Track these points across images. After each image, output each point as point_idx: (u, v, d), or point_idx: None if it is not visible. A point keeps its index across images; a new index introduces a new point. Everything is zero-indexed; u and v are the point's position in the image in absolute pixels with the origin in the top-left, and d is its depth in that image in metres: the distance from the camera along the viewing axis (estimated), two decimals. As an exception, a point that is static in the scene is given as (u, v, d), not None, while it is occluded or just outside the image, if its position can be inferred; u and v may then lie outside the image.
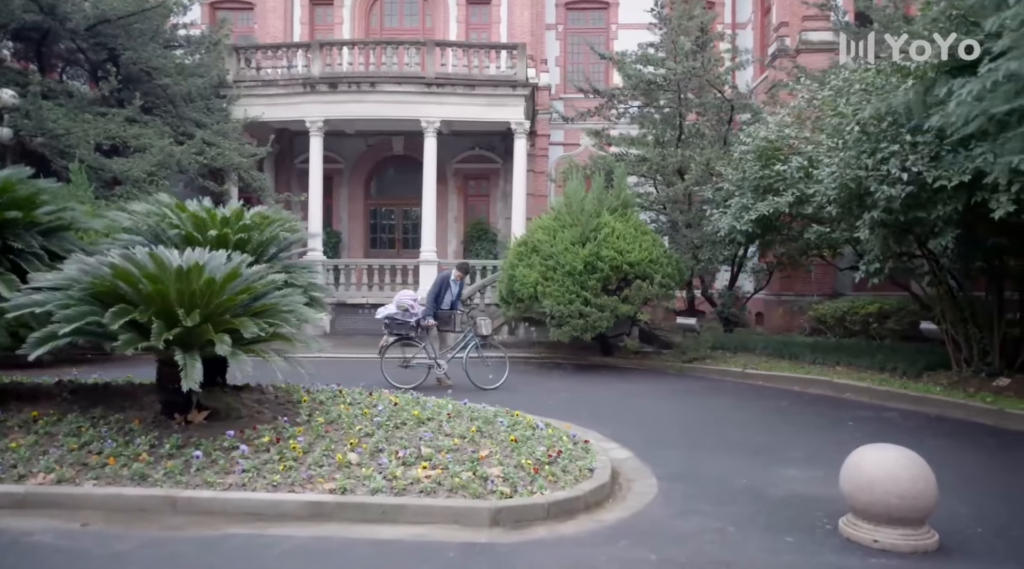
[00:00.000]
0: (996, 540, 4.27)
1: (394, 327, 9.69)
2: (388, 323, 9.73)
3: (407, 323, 9.64)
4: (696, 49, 13.32)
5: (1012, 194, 7.10)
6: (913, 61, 7.66)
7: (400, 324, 9.66)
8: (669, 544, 4.13)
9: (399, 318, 9.64)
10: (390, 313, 9.71)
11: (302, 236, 7.56)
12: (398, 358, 9.73)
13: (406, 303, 9.69)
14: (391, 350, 9.89)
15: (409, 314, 9.59)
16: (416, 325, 9.60)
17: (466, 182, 20.84)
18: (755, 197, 10.29)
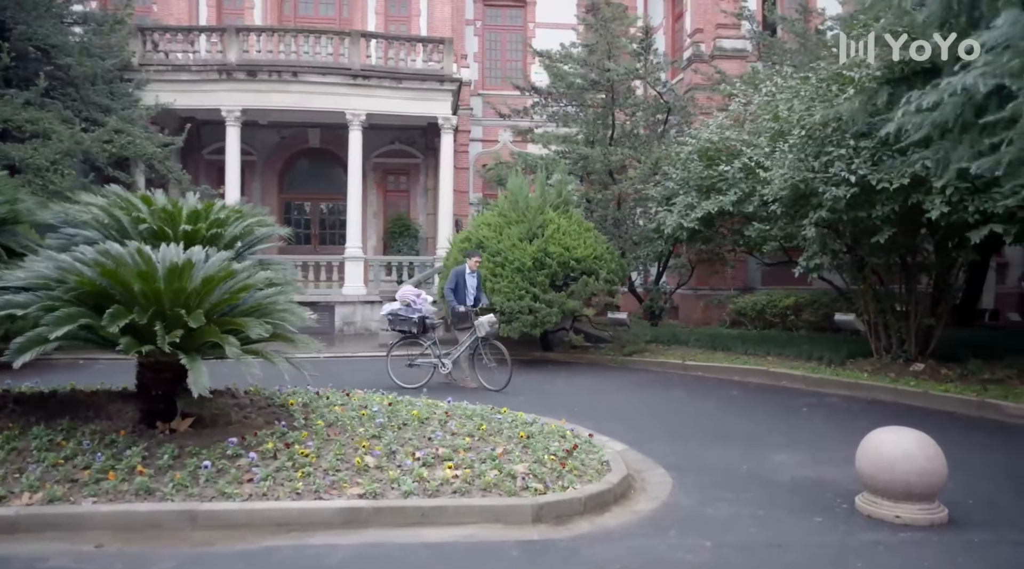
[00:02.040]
0: (990, 510, 4.72)
1: (397, 323, 9.38)
2: (391, 319, 9.40)
3: (409, 319, 9.28)
4: (641, 51, 13.72)
5: (945, 197, 7.84)
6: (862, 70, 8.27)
7: (403, 320, 9.32)
8: (716, 530, 4.29)
9: (402, 314, 9.31)
10: (393, 309, 9.39)
11: (275, 231, 7.21)
12: (404, 356, 9.49)
13: (409, 298, 9.36)
14: (397, 348, 9.60)
15: (411, 309, 9.26)
16: (419, 322, 9.26)
17: (385, 177, 20.45)
18: (699, 196, 10.75)
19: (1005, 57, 5.25)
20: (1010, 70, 5.60)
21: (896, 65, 8.11)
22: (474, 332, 9.25)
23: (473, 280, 9.66)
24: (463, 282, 9.54)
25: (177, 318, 4.86)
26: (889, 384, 9.45)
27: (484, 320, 9.18)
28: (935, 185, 7.80)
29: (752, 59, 17.60)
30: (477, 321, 9.21)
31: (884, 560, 3.88)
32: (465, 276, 9.61)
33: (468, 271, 9.68)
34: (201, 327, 4.78)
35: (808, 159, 8.76)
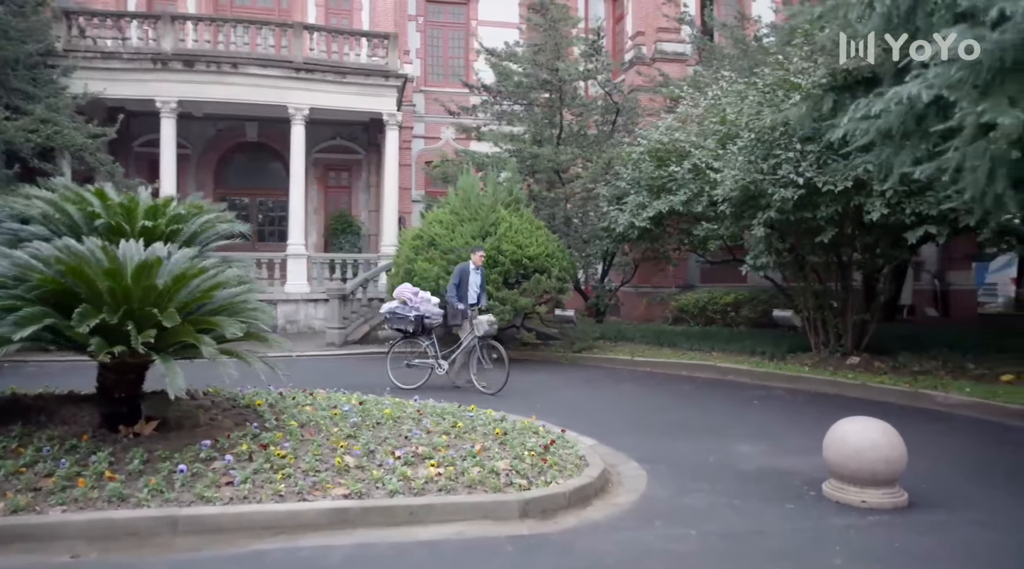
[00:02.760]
0: (943, 492, 5.04)
1: (394, 322, 9.17)
2: (388, 318, 9.19)
3: (406, 318, 9.04)
4: (592, 52, 13.91)
5: (885, 199, 8.30)
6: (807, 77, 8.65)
7: (399, 319, 9.09)
8: (698, 520, 4.45)
9: (399, 312, 9.09)
10: (391, 307, 9.18)
11: (235, 228, 7.00)
12: (403, 355, 9.32)
13: (405, 295, 9.12)
14: (397, 348, 9.41)
15: (408, 308, 9.07)
16: (415, 320, 9.02)
17: (326, 173, 20.07)
18: (650, 196, 11.02)
19: (952, 69, 5.60)
20: (949, 82, 5.97)
21: (840, 74, 8.51)
22: (472, 331, 8.93)
23: (477, 277, 9.32)
24: (467, 279, 9.20)
25: (148, 317, 4.68)
26: (829, 377, 9.92)
27: (484, 319, 8.86)
28: (876, 188, 8.25)
29: (691, 63, 18.12)
30: (476, 320, 8.89)
31: (858, 542, 4.11)
32: (469, 273, 9.26)
33: (472, 267, 9.33)
34: (175, 326, 4.61)
35: (757, 161, 9.10)
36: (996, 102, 5.31)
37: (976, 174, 5.98)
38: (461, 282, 9.16)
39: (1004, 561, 3.92)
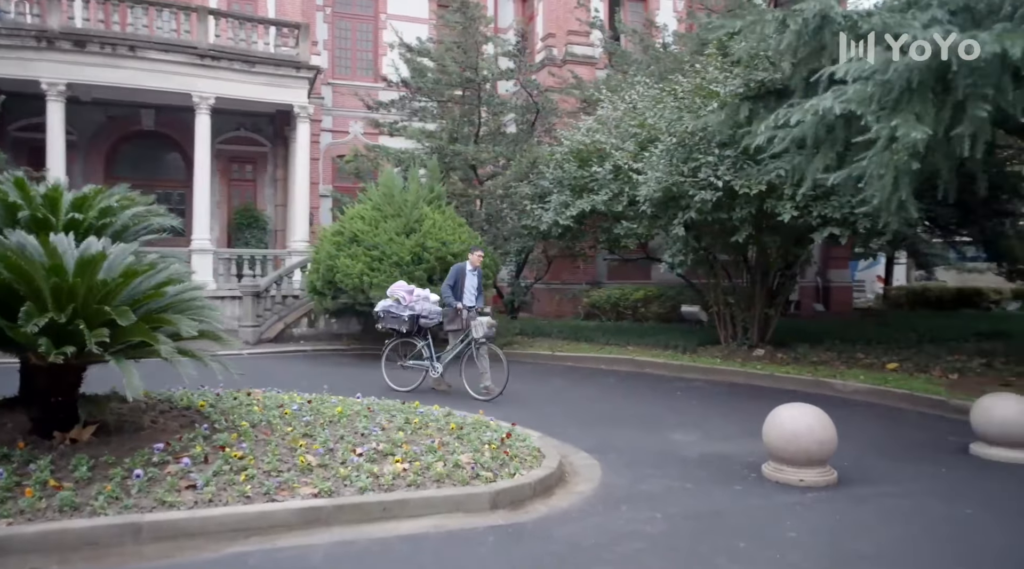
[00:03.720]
0: (863, 470, 5.56)
1: (387, 321, 8.83)
2: (382, 317, 8.85)
3: (400, 317, 8.70)
4: (516, 53, 14.06)
5: (795, 202, 8.96)
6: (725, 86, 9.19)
7: (394, 318, 8.75)
8: (659, 504, 4.71)
9: (392, 311, 8.75)
10: (385, 306, 8.81)
11: (168, 221, 6.68)
12: (398, 356, 9.04)
13: (398, 294, 8.75)
14: (392, 348, 9.08)
15: (401, 307, 8.69)
16: (409, 320, 8.68)
17: (230, 165, 19.23)
18: (573, 195, 11.34)
19: (868, 86, 6.16)
20: (862, 98, 6.56)
21: (755, 84, 9.12)
22: (469, 334, 8.50)
23: (474, 278, 8.92)
24: (463, 280, 8.82)
25: (98, 315, 4.43)
26: (740, 368, 10.58)
27: (482, 321, 8.41)
28: (786, 192, 8.90)
29: (600, 66, 18.71)
30: (475, 322, 8.41)
31: (806, 516, 4.50)
32: (466, 273, 8.88)
33: (469, 268, 8.94)
34: (130, 325, 4.40)
35: (679, 164, 9.59)
36: (905, 118, 5.90)
37: (883, 182, 6.60)
38: (457, 283, 8.78)
39: (927, 524, 4.40)
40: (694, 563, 3.78)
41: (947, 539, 4.20)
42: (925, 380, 9.28)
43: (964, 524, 4.46)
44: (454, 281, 8.77)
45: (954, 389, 8.73)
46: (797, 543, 4.06)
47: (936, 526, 4.41)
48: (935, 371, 9.75)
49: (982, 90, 5.82)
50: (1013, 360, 10.22)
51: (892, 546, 4.06)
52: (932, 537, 4.23)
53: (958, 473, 5.59)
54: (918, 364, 10.19)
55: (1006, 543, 4.15)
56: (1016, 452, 5.93)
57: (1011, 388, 8.11)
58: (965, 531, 4.34)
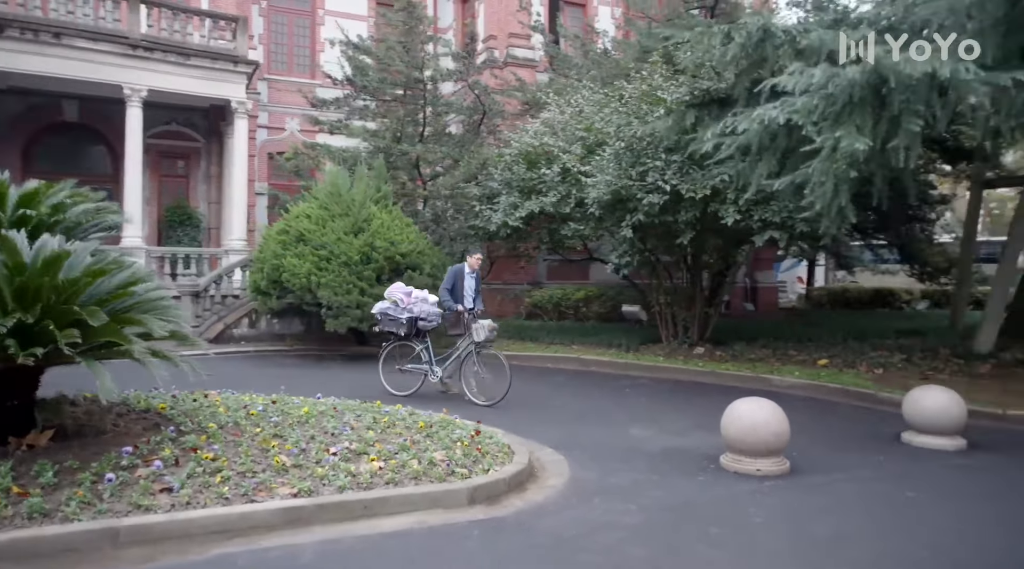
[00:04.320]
0: (812, 459, 5.91)
1: (385, 323, 8.60)
2: (380, 319, 8.61)
3: (397, 320, 8.45)
4: (465, 55, 14.10)
5: (738, 206, 9.39)
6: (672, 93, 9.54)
7: (391, 320, 8.51)
8: (630, 496, 4.91)
9: (390, 314, 8.50)
10: (382, 308, 8.58)
11: (122, 218, 6.47)
12: (396, 359, 8.80)
13: (396, 295, 8.53)
14: (390, 351, 8.87)
15: (399, 309, 8.46)
16: (407, 323, 8.44)
17: (160, 160, 18.53)
18: (522, 196, 11.51)
19: (814, 99, 6.55)
20: (808, 109, 6.96)
21: (700, 93, 9.50)
22: (469, 337, 8.29)
23: (472, 281, 8.68)
24: (460, 282, 8.59)
25: (64, 316, 4.30)
26: (682, 366, 10.98)
27: (483, 324, 8.19)
28: (729, 196, 9.32)
29: (540, 69, 18.98)
30: (476, 325, 8.18)
31: (767, 502, 4.78)
32: (464, 275, 8.64)
33: (468, 270, 8.69)
34: (102, 325, 4.28)
35: (627, 168, 9.88)
36: (848, 130, 6.32)
37: (824, 189, 7.02)
38: (455, 286, 8.56)
39: (875, 506, 4.75)
40: (673, 550, 3.98)
41: (895, 519, 4.55)
42: (854, 375, 9.88)
43: (907, 506, 4.84)
44: (452, 284, 8.54)
45: (880, 383, 9.34)
46: (764, 527, 4.33)
47: (883, 508, 4.77)
48: (862, 367, 10.39)
49: (914, 106, 6.30)
50: (929, 356, 10.98)
51: (847, 526, 4.38)
52: (881, 518, 4.57)
53: (895, 460, 6.03)
54: (846, 360, 10.82)
55: (945, 522, 4.53)
56: (942, 439, 6.43)
57: (930, 381, 8.75)
58: (909, 512, 4.71)
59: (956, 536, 4.30)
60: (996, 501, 4.99)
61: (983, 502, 4.96)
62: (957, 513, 4.71)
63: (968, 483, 5.41)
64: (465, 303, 8.52)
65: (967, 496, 5.09)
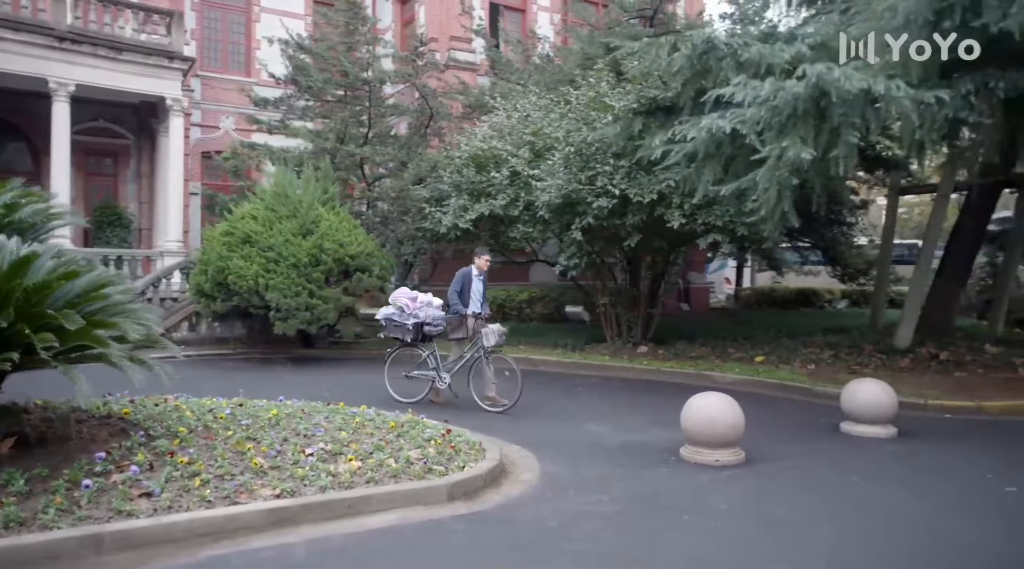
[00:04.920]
0: (761, 450, 6.28)
1: (390, 329, 8.36)
2: (385, 325, 8.39)
3: (403, 325, 8.21)
4: (413, 57, 14.09)
5: (683, 210, 9.80)
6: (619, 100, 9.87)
7: (397, 326, 8.27)
8: (601, 487, 5.13)
9: (395, 319, 8.28)
10: (387, 314, 8.34)
11: (76, 220, 6.28)
12: (402, 366, 8.49)
13: (402, 300, 8.31)
14: (395, 358, 8.59)
15: (405, 315, 8.23)
16: (414, 328, 8.21)
17: (86, 158, 17.78)
18: (471, 199, 11.65)
19: (762, 110, 6.96)
20: (756, 119, 7.37)
21: (646, 101, 9.87)
22: (478, 342, 8.08)
23: (480, 284, 8.44)
24: (469, 285, 8.32)
25: (37, 319, 4.20)
26: (628, 364, 11.35)
27: (493, 329, 7.98)
28: (675, 201, 9.72)
29: (481, 72, 19.16)
30: (485, 330, 7.96)
31: (728, 490, 5.10)
32: (472, 278, 8.38)
33: (475, 273, 8.42)
34: (79, 329, 4.20)
35: (577, 173, 10.17)
36: (793, 140, 6.75)
37: (768, 194, 7.45)
38: (463, 289, 8.30)
39: (825, 490, 5.13)
40: (651, 536, 4.22)
41: (843, 501, 4.93)
42: (789, 371, 10.45)
43: (853, 488, 5.24)
44: (460, 287, 8.29)
45: (814, 378, 9.92)
46: (729, 512, 4.63)
47: (832, 492, 5.16)
48: (796, 363, 10.99)
49: (852, 119, 6.78)
50: (855, 352, 11.69)
51: (804, 509, 4.74)
52: (833, 500, 4.95)
53: (837, 448, 6.48)
54: (780, 357, 11.41)
55: (887, 503, 4.94)
56: (876, 428, 6.94)
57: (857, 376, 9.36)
58: (855, 494, 5.11)
59: (900, 513, 4.70)
60: (930, 481, 5.47)
61: (919, 483, 5.42)
62: (898, 493, 5.14)
63: (903, 467, 5.88)
64: (472, 307, 8.31)
65: (904, 478, 5.54)
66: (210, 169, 20.12)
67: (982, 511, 4.80)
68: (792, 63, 8.17)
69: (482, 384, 8.19)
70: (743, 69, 8.35)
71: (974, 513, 4.74)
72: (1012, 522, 4.61)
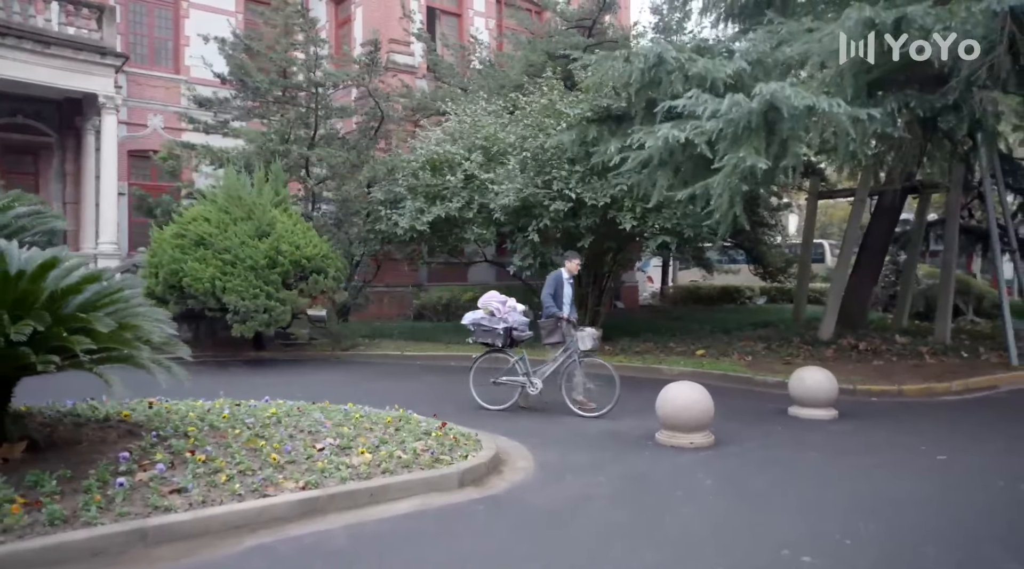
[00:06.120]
0: (725, 433, 6.89)
1: (479, 334, 8.17)
2: (473, 329, 8.20)
3: (493, 330, 8.05)
4: (368, 62, 14.14)
5: (635, 213, 10.41)
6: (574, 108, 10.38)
7: (486, 331, 8.10)
8: (595, 470, 5.58)
9: (485, 324, 8.11)
10: (476, 319, 8.17)
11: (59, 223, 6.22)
12: (488, 371, 8.31)
13: (492, 305, 8.16)
14: (481, 363, 8.41)
15: (495, 319, 8.09)
16: (504, 333, 8.05)
17: (4, 156, 16.90)
18: (427, 201, 11.91)
19: (720, 123, 7.59)
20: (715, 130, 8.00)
21: (600, 109, 10.43)
22: (572, 345, 7.93)
23: (569, 288, 8.26)
24: (561, 289, 8.14)
25: (70, 322, 4.29)
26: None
27: (588, 332, 7.89)
28: (627, 204, 10.32)
29: (419, 75, 19.37)
30: (580, 333, 7.85)
31: (709, 468, 5.65)
32: (564, 282, 8.19)
33: (566, 276, 8.25)
34: (109, 332, 4.31)
35: (533, 177, 10.62)
36: (747, 150, 7.41)
37: (722, 200, 8.11)
38: (557, 292, 8.11)
39: (789, 465, 5.76)
40: (655, 509, 4.69)
41: (807, 472, 5.58)
42: (730, 363, 11.23)
43: (811, 463, 5.91)
44: (554, 290, 8.11)
45: (753, 368, 10.73)
46: (716, 486, 5.17)
47: (797, 465, 5.80)
48: (735, 355, 11.81)
49: (798, 132, 7.51)
50: (785, 344, 12.65)
51: (777, 480, 5.34)
52: (798, 472, 5.59)
53: (790, 429, 7.19)
54: (719, 350, 12.22)
55: (844, 471, 5.60)
56: (820, 411, 7.70)
57: (791, 366, 10.23)
58: (815, 465, 5.78)
59: (857, 479, 5.36)
60: (875, 453, 6.20)
61: (866, 455, 6.14)
62: (851, 463, 5.84)
63: (850, 442, 6.62)
64: (565, 310, 8.15)
65: (853, 451, 6.26)
66: (137, 169, 19.49)
67: (923, 474, 5.53)
68: (734, 78, 8.91)
69: (572, 388, 8.04)
70: (690, 82, 9.01)
71: (917, 476, 5.46)
72: (948, 481, 5.35)
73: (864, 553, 3.94)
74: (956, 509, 4.74)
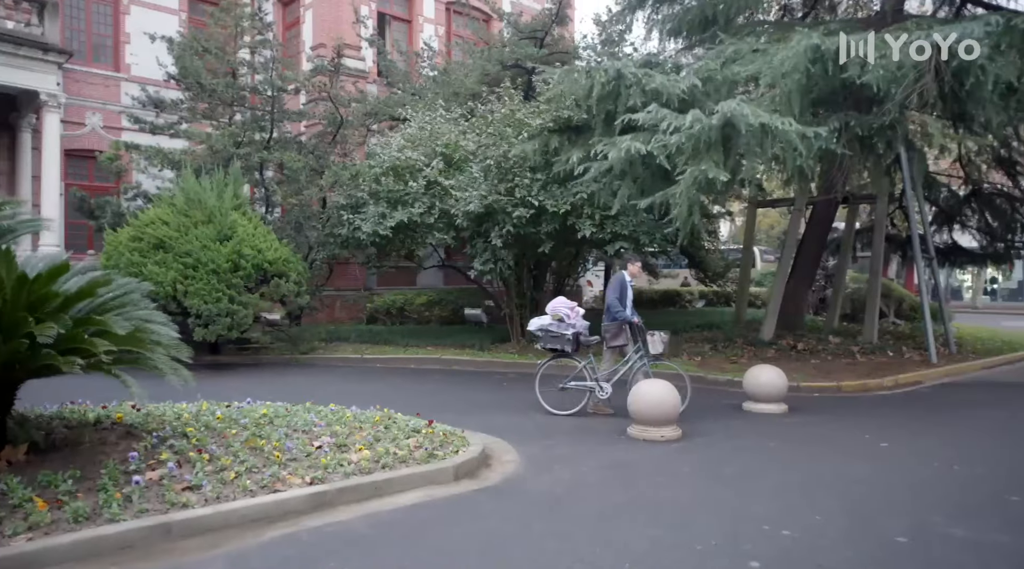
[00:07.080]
0: (692, 426, 7.39)
1: (547, 340, 8.14)
2: (541, 335, 8.16)
3: (563, 336, 8.04)
4: (332, 69, 14.14)
5: (594, 221, 10.88)
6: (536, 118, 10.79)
7: (554, 337, 8.07)
8: (580, 462, 5.96)
9: (553, 330, 8.09)
10: (543, 324, 8.15)
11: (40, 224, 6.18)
12: (555, 378, 8.26)
13: (561, 311, 8.16)
14: (548, 369, 8.39)
15: (564, 325, 8.09)
16: (573, 338, 8.05)
17: (-68, 153, 16.14)
18: (389, 207, 12.09)
19: (683, 138, 8.11)
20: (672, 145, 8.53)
21: (561, 120, 10.87)
22: (643, 349, 7.97)
23: (631, 291, 8.26)
24: (626, 291, 8.13)
25: (88, 324, 4.38)
26: (537, 361, 12.24)
27: (659, 336, 7.90)
28: (586, 211, 10.78)
29: (370, 80, 19.47)
30: (652, 337, 7.84)
31: (683, 457, 6.11)
32: (627, 285, 8.20)
33: (628, 279, 8.28)
34: (127, 335, 4.42)
35: (496, 184, 10.97)
36: (709, 164, 7.95)
37: (681, 209, 8.65)
38: (622, 295, 8.12)
39: (752, 453, 6.28)
40: (644, 493, 5.10)
41: (770, 459, 6.11)
42: (681, 362, 11.82)
43: (772, 451, 6.44)
44: (620, 293, 8.14)
45: (704, 367, 11.36)
46: (693, 473, 5.63)
47: (760, 453, 6.33)
48: (684, 355, 12.43)
49: (754, 148, 8.11)
50: (730, 344, 13.38)
51: (745, 466, 5.84)
52: (762, 459, 6.11)
53: (748, 422, 7.75)
54: (670, 351, 12.80)
55: (802, 458, 6.16)
56: (772, 406, 8.32)
57: (737, 366, 10.90)
58: (777, 453, 6.32)
59: (814, 463, 5.92)
60: (826, 442, 6.80)
61: (818, 443, 6.73)
62: (807, 450, 6.41)
63: (802, 433, 7.22)
64: (629, 315, 8.18)
65: (806, 440, 6.86)
66: (74, 168, 18.88)
67: (870, 459, 6.14)
68: (687, 93, 9.48)
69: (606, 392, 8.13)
70: (646, 96, 9.54)
71: (865, 460, 6.06)
72: (892, 464, 5.97)
73: (833, 525, 4.45)
74: (902, 487, 5.32)
